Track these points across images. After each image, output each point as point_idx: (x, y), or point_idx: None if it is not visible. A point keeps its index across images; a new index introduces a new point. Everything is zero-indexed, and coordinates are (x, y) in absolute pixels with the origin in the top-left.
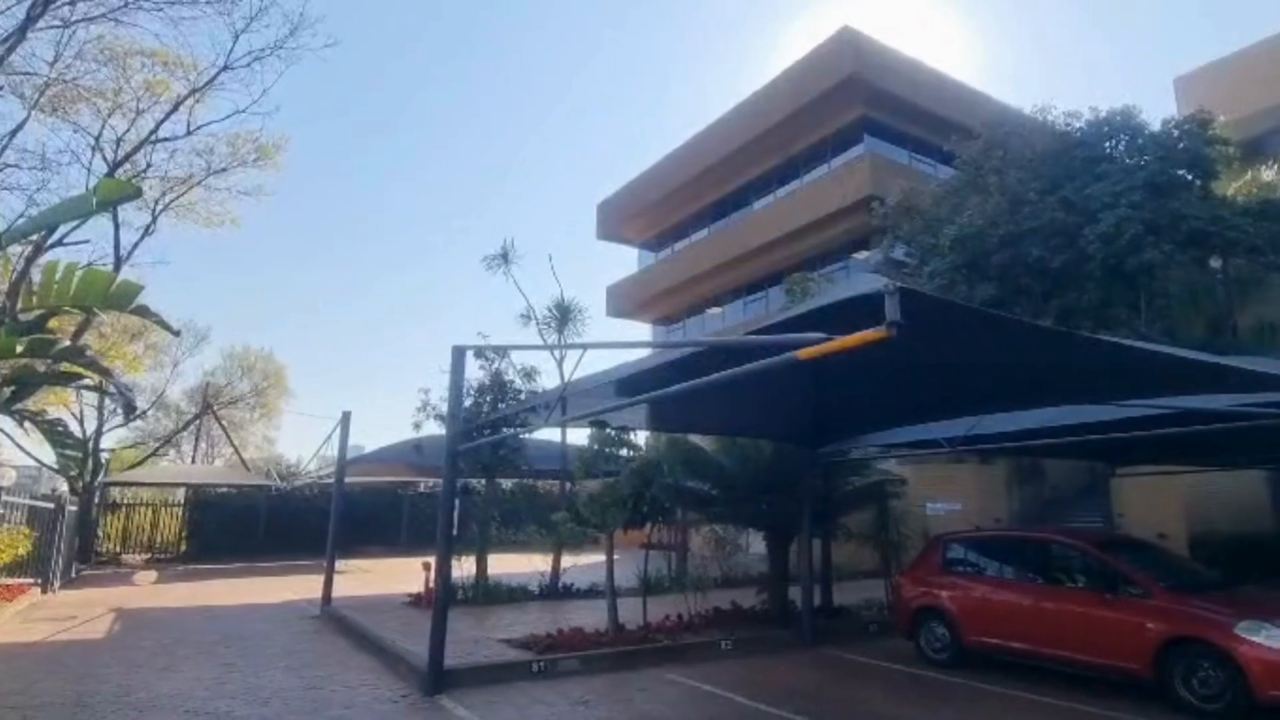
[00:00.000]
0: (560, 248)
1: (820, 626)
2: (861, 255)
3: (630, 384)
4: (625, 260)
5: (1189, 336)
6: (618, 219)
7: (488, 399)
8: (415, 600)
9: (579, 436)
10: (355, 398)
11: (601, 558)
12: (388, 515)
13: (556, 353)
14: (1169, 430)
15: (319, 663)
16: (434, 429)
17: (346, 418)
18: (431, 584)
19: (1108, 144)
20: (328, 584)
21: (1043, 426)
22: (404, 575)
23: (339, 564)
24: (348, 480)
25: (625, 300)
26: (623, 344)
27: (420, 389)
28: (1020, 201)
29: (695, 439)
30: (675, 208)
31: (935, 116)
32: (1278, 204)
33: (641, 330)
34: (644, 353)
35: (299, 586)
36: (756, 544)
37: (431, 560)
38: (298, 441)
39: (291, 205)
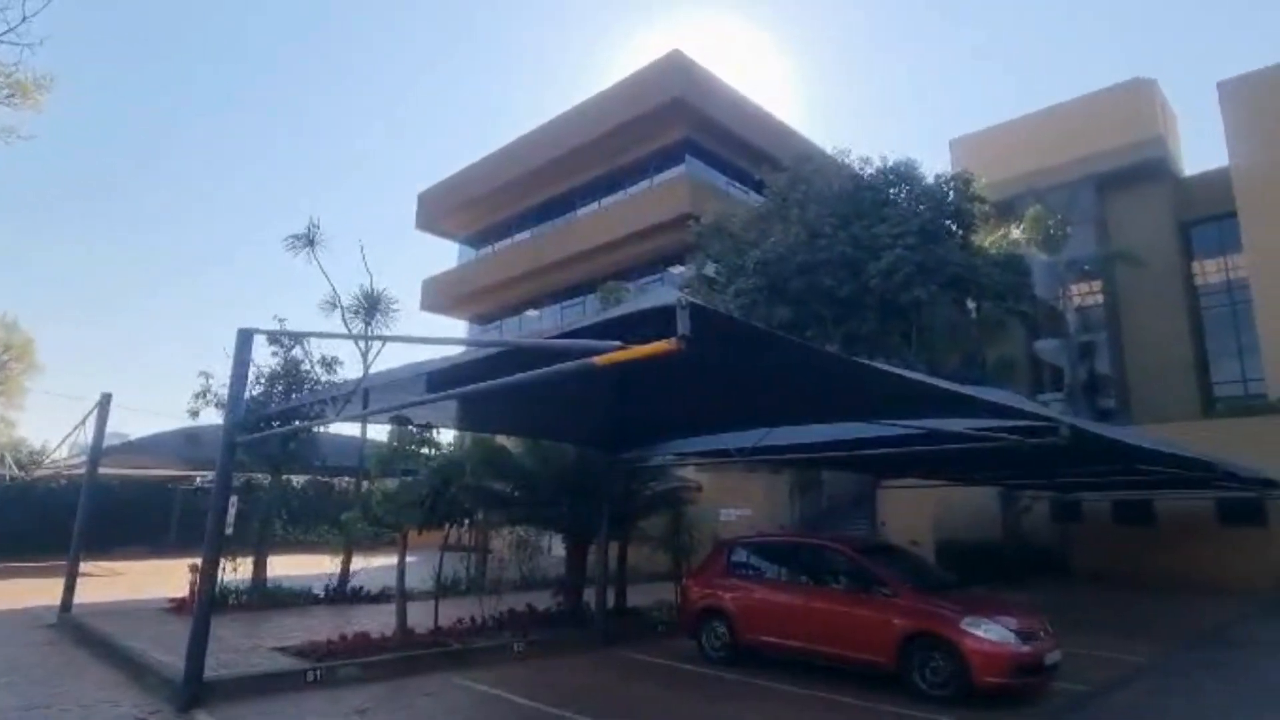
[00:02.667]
0: (385, 239)
1: (612, 627)
2: (677, 269)
3: (438, 380)
4: (447, 255)
5: (946, 367)
6: (439, 211)
7: (279, 388)
8: (178, 606)
9: (382, 433)
10: (129, 381)
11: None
12: (155, 512)
13: (361, 343)
14: (923, 448)
15: (49, 678)
16: (215, 418)
17: (106, 400)
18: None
19: (892, 190)
20: (69, 588)
21: (823, 440)
22: (168, 578)
23: (93, 566)
24: (108, 472)
25: (442, 295)
26: (423, 339)
27: (201, 372)
28: (817, 234)
29: (502, 440)
30: (499, 206)
31: (751, 146)
32: (1019, 258)
33: (457, 327)
34: (453, 349)
35: (36, 591)
36: (558, 547)
37: (200, 561)
38: (53, 426)
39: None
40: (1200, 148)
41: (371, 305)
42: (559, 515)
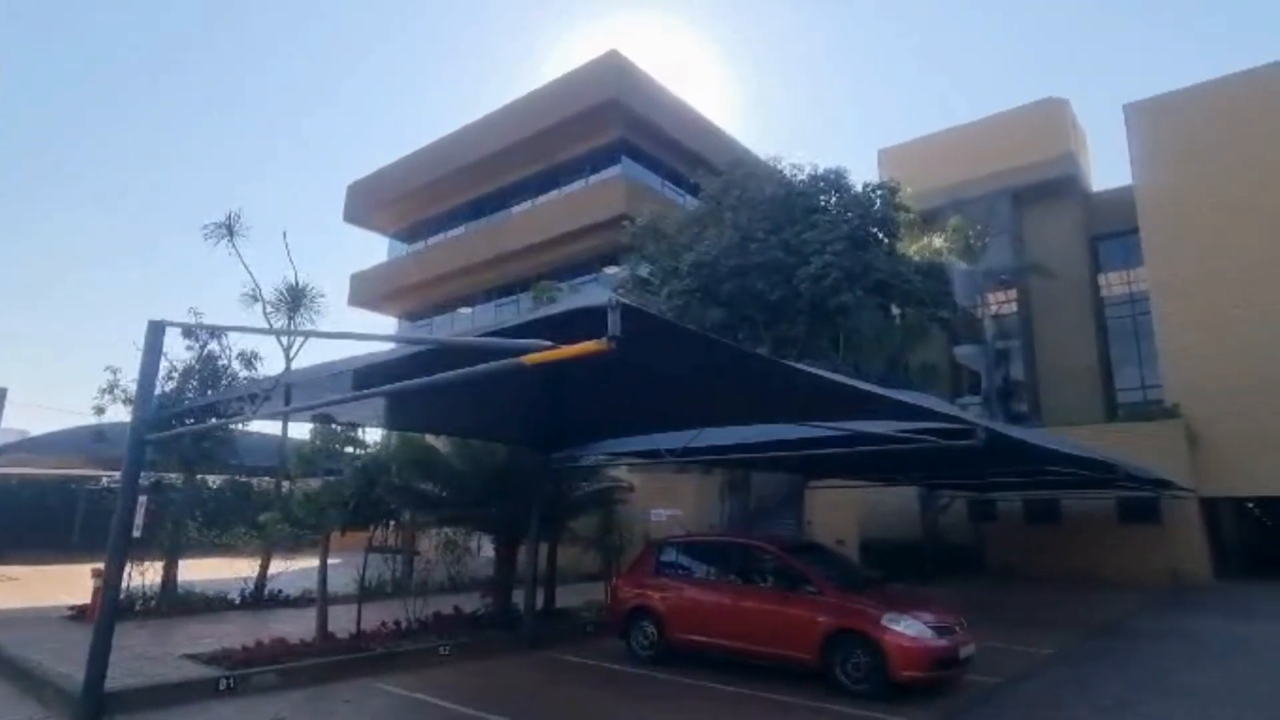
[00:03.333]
0: (316, 233)
1: (541, 629)
2: (611, 270)
3: (365, 377)
4: (378, 249)
5: (872, 371)
6: (369, 204)
7: (193, 384)
8: (80, 613)
9: (305, 432)
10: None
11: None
12: (58, 513)
13: (284, 339)
14: (849, 449)
15: None
16: (124, 415)
17: (0, 396)
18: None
19: (823, 197)
20: None
21: (753, 442)
22: (71, 583)
23: None
24: (5, 471)
25: (371, 290)
26: (349, 335)
27: (107, 367)
28: (750, 238)
29: (431, 439)
30: (432, 201)
31: (687, 150)
32: (941, 267)
33: (386, 323)
34: (381, 346)
35: None
36: (487, 548)
37: (104, 565)
38: None
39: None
40: (1108, 166)
41: (295, 299)
42: (488, 516)
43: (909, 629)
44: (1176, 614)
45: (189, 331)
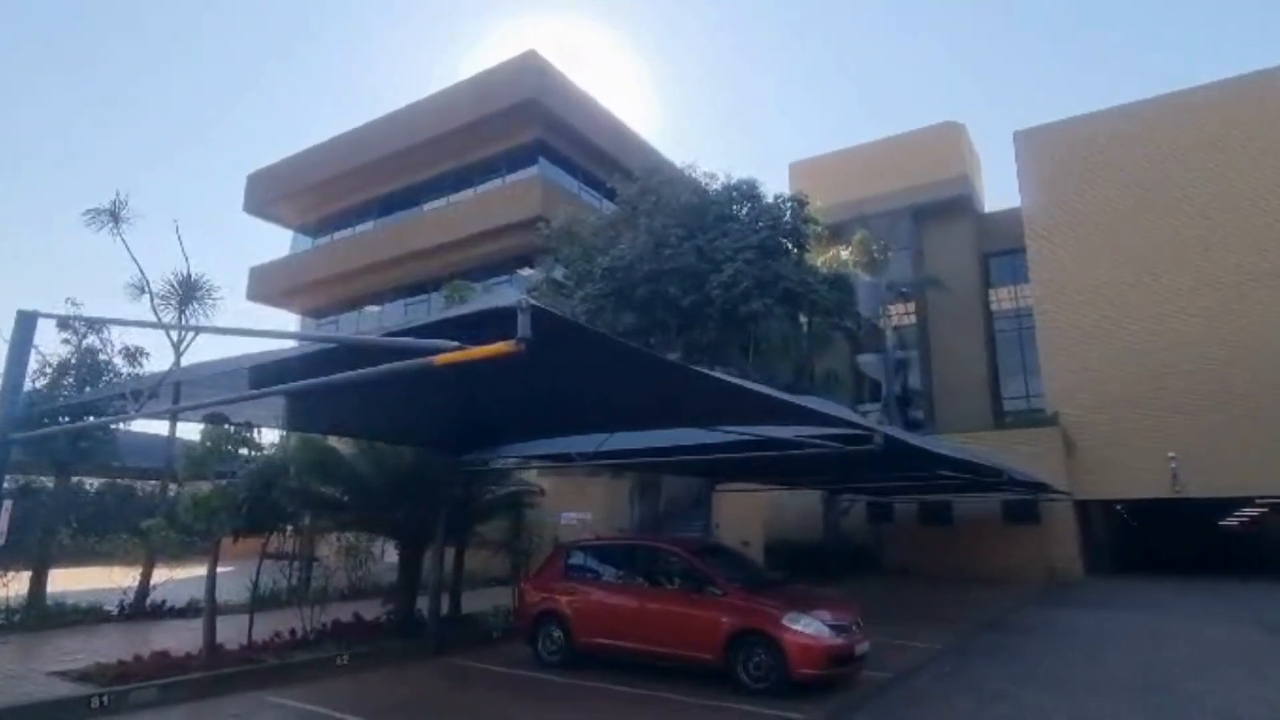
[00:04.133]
0: (215, 223)
1: (446, 635)
2: (526, 272)
3: (264, 375)
4: (282, 242)
5: (780, 377)
6: (272, 194)
7: (69, 379)
8: None
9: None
10: None
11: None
12: None
13: (174, 333)
14: (756, 454)
15: None
16: None
17: None
18: None
19: (735, 206)
20: None
21: (662, 446)
22: None
23: None
24: None
25: (272, 285)
26: (244, 331)
27: None
28: (663, 244)
29: (334, 441)
30: (340, 194)
31: (605, 154)
32: (846, 278)
33: (288, 320)
34: (283, 343)
35: None
36: (392, 553)
37: None
38: None
39: None
40: (1005, 188)
41: (187, 292)
42: (393, 520)
43: (808, 628)
44: (1053, 608)
45: (65, 323)
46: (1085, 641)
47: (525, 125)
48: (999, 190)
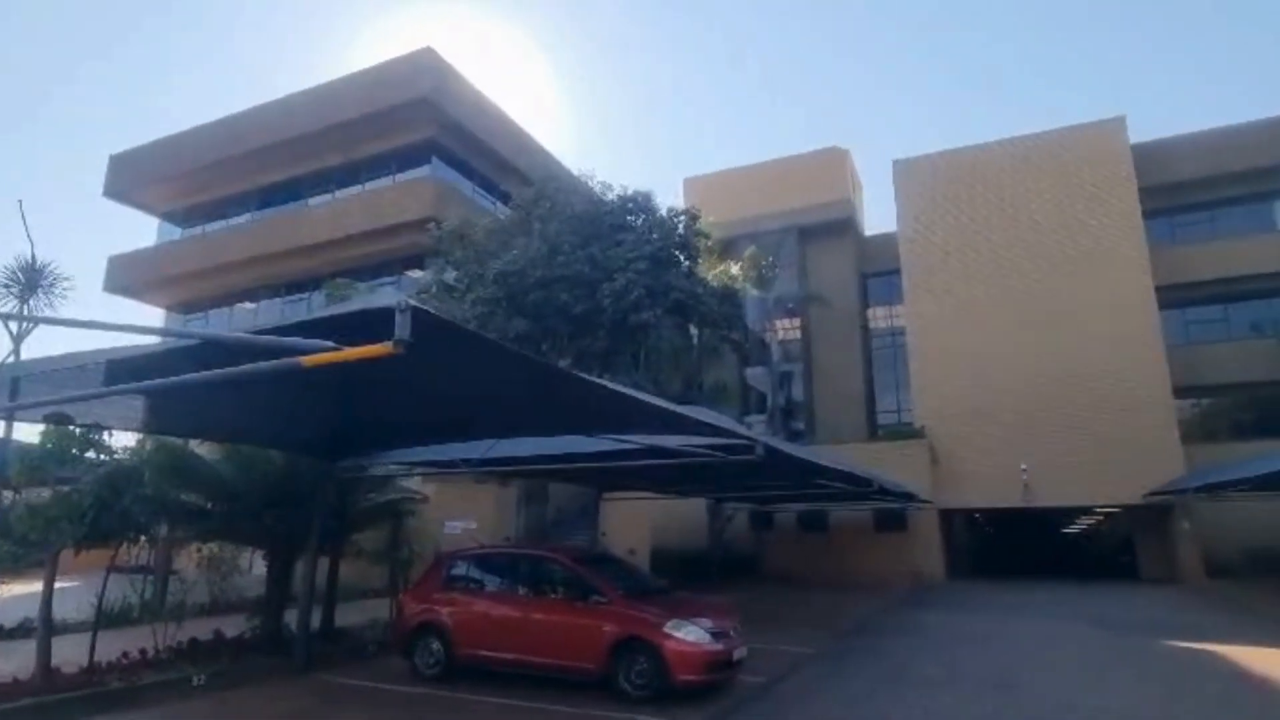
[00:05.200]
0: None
1: (317, 650)
2: (416, 274)
3: (119, 372)
4: (146, 231)
5: (670, 387)
6: (138, 179)
7: None
8: None
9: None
10: None
11: (55, 584)
12: None
13: (13, 324)
14: (643, 462)
15: None
16: None
17: None
18: None
19: (630, 217)
20: None
21: (550, 453)
22: None
23: None
24: None
25: (135, 276)
26: (96, 324)
27: None
28: (557, 251)
29: (196, 445)
30: (215, 182)
31: (501, 158)
32: (735, 292)
33: (152, 314)
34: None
35: None
36: (261, 565)
37: None
38: None
39: None
40: (878, 212)
41: (30, 280)
42: (261, 529)
43: (689, 634)
44: (917, 611)
45: None
46: (944, 641)
47: (419, 123)
48: (880, 214)
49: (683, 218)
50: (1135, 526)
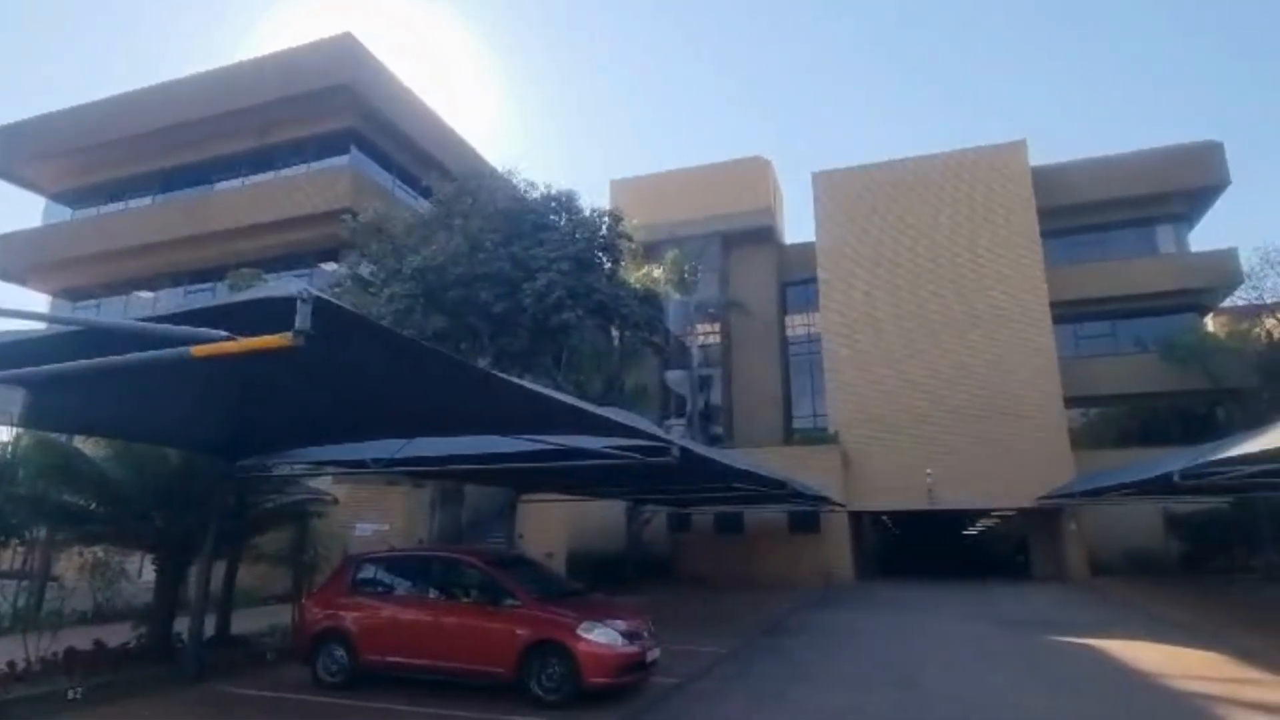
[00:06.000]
0: None
1: (211, 659)
2: (330, 266)
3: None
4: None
5: (592, 389)
6: (24, 154)
7: None
8: None
9: None
10: None
11: None
12: None
13: None
14: (560, 463)
15: None
16: None
17: None
18: None
19: (553, 216)
20: None
21: (465, 454)
22: None
23: None
24: None
25: (17, 258)
26: None
27: None
28: (478, 248)
29: (80, 442)
30: (113, 161)
31: (423, 151)
32: (657, 295)
33: (36, 300)
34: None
35: None
36: (153, 571)
37: None
38: None
39: None
40: (798, 223)
41: None
42: (153, 532)
43: (602, 637)
44: (826, 611)
45: None
46: (850, 640)
47: (337, 111)
48: (799, 224)
49: (606, 219)
50: (1029, 528)
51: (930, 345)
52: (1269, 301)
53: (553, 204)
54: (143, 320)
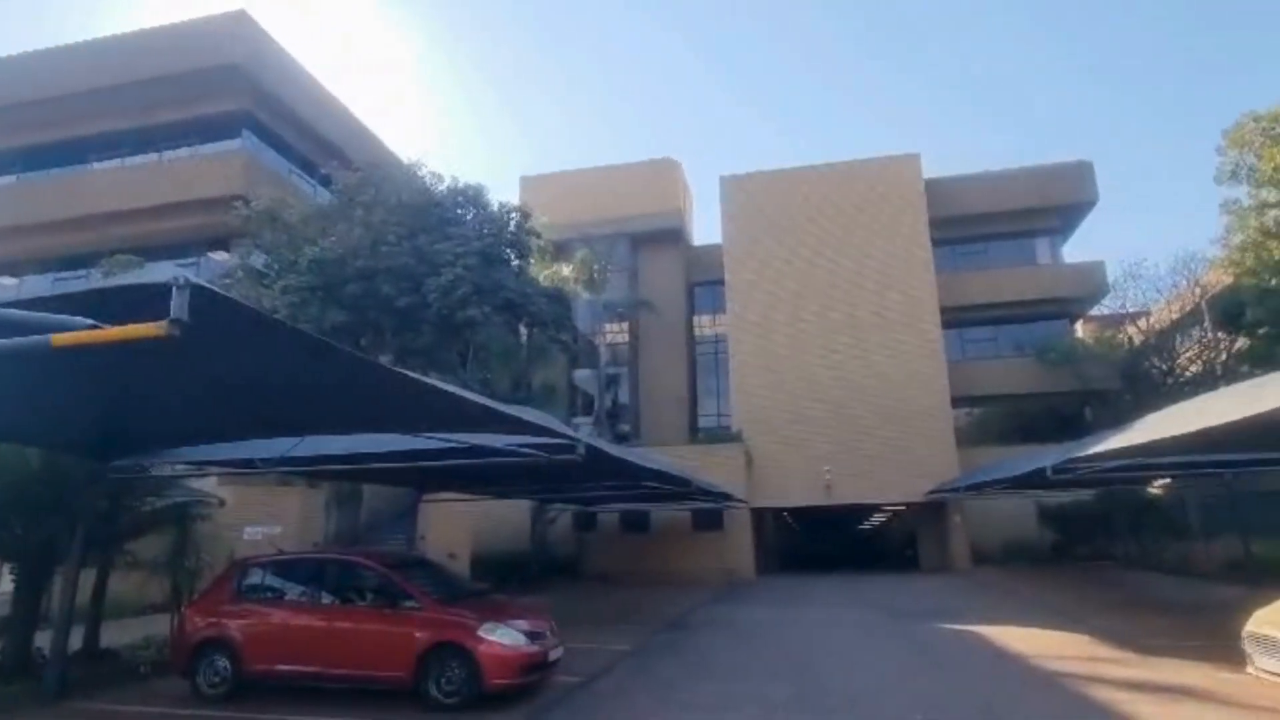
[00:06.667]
0: None
1: (76, 675)
2: (220, 256)
3: None
4: None
5: (499, 387)
6: None
7: None
8: None
9: None
10: None
11: None
12: None
13: None
14: (464, 462)
15: None
16: None
17: None
18: None
19: (460, 210)
20: None
21: (363, 452)
22: None
23: None
24: None
25: None
26: None
27: None
28: (381, 241)
29: None
30: None
31: (324, 138)
32: (566, 293)
33: None
34: None
35: None
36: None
37: None
38: None
39: None
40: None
41: None
42: (10, 539)
43: (504, 637)
44: (727, 606)
45: None
46: (750, 633)
47: (230, 93)
48: (712, 226)
49: (515, 215)
50: (918, 522)
51: (830, 347)
52: (1131, 311)
53: (460, 198)
54: None
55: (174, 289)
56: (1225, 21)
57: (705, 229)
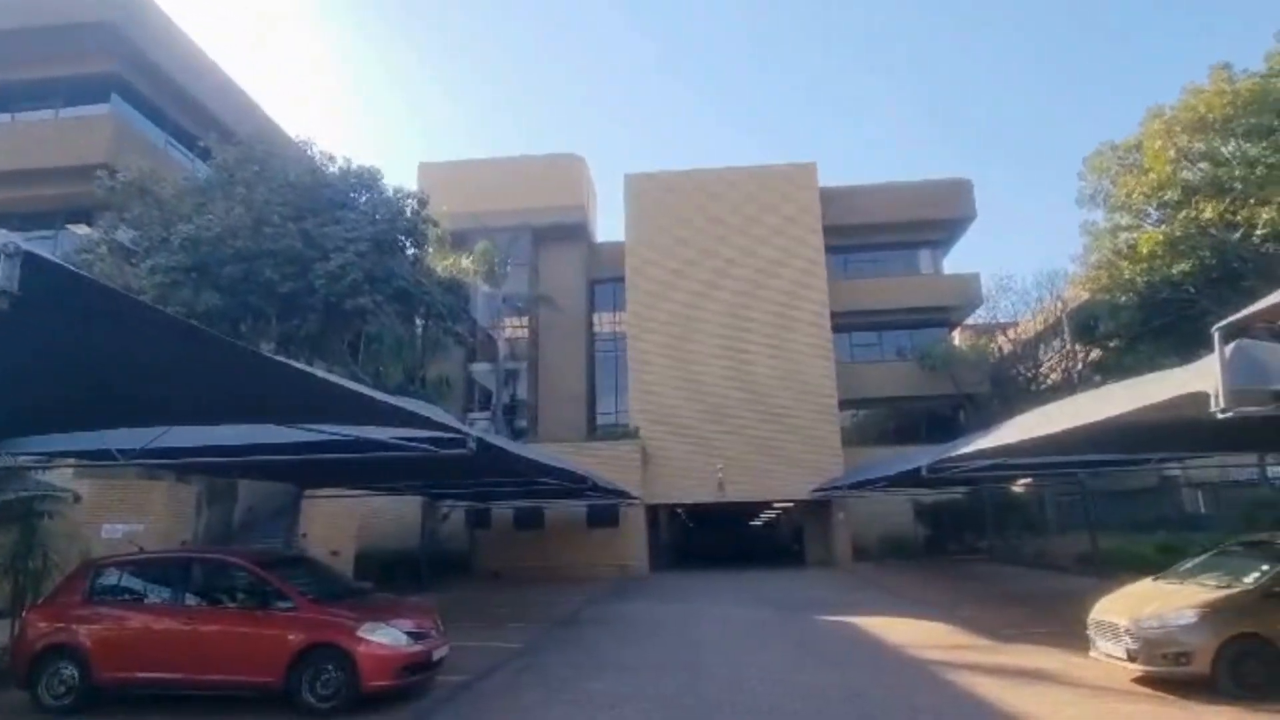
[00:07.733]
0: None
1: None
2: (81, 229)
3: None
4: None
5: (391, 379)
6: None
7: None
8: None
9: None
10: None
11: None
12: None
13: None
14: (348, 455)
15: None
16: None
17: None
18: None
19: (353, 194)
20: None
21: (236, 444)
22: None
23: None
24: None
25: None
26: None
27: None
28: (264, 221)
29: None
30: None
31: (204, 109)
32: (463, 285)
33: None
34: None
35: None
36: None
37: None
38: None
39: None
40: (610, 222)
41: None
42: None
43: (384, 637)
44: (620, 602)
45: None
46: (642, 629)
47: (99, 53)
48: (613, 224)
49: (412, 201)
50: (805, 519)
51: (725, 347)
52: (1001, 321)
53: (353, 180)
54: None
55: (1, 257)
56: (1095, 50)
57: (608, 227)
